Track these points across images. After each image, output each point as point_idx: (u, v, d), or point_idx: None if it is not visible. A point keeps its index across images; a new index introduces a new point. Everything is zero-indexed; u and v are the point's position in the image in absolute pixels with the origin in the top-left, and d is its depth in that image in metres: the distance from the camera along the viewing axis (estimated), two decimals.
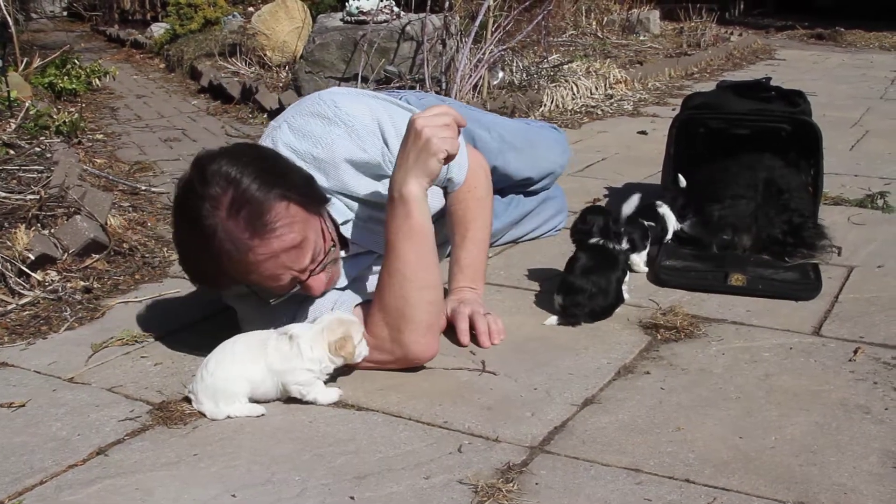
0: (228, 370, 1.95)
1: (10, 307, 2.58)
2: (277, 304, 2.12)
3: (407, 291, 2.06)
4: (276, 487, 1.68)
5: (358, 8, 5.81)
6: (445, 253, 2.67)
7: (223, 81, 6.78)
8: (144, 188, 3.93)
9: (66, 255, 2.90)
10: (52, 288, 2.70)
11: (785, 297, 2.57)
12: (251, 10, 9.01)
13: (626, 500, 1.62)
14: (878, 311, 2.47)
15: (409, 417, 1.94)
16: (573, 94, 6.02)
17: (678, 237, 2.98)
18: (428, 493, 1.65)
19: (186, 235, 2.03)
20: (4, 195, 3.28)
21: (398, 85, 5.48)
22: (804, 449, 1.77)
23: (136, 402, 2.04)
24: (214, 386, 1.94)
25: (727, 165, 3.07)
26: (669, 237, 2.96)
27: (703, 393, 2.02)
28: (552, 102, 5.83)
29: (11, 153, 3.99)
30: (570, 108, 5.86)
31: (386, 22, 5.77)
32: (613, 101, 6.16)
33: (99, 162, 4.46)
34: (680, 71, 7.43)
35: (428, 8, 5.71)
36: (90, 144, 4.95)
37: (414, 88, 5.35)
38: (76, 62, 7.12)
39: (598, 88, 6.27)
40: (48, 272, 2.80)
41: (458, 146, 2.08)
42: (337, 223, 2.23)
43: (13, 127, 4.45)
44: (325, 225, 2.11)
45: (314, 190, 2.11)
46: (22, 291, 2.66)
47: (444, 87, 5.50)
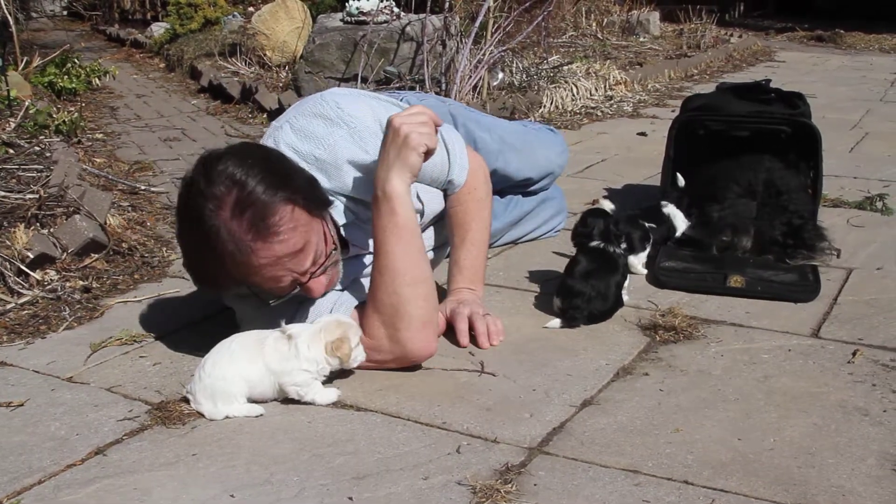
0: (226, 370, 1.95)
1: (8, 306, 2.58)
2: (277, 305, 2.12)
3: (399, 287, 2.07)
4: (274, 488, 1.68)
5: (358, 8, 5.81)
6: (445, 254, 2.67)
7: (223, 81, 6.79)
8: (144, 188, 3.93)
9: (65, 254, 2.90)
10: (51, 287, 2.70)
11: (784, 298, 2.57)
12: (251, 10, 9.02)
13: (624, 501, 1.62)
14: (876, 313, 2.47)
15: (407, 418, 1.94)
16: (573, 95, 6.03)
17: (677, 239, 2.98)
18: (426, 493, 1.65)
19: (189, 234, 2.03)
20: (4, 194, 3.28)
21: (398, 86, 5.49)
22: (803, 451, 1.77)
23: (134, 401, 2.04)
24: (212, 386, 1.94)
25: (727, 167, 3.07)
26: (679, 235, 2.94)
27: (701, 394, 2.02)
28: (552, 103, 5.84)
29: (11, 152, 3.99)
30: (569, 109, 5.86)
31: (386, 22, 5.78)
32: (613, 102, 6.16)
33: (98, 161, 4.46)
34: (680, 72, 7.44)
35: (428, 9, 5.71)
36: (90, 144, 4.95)
37: (414, 89, 5.35)
38: (76, 61, 7.13)
39: (597, 90, 6.27)
40: (47, 271, 2.80)
41: (436, 141, 2.14)
42: (338, 225, 2.23)
43: (13, 126, 4.45)
44: (327, 227, 2.11)
45: (318, 193, 2.11)
46: (21, 291, 2.66)
47: (443, 87, 5.50)
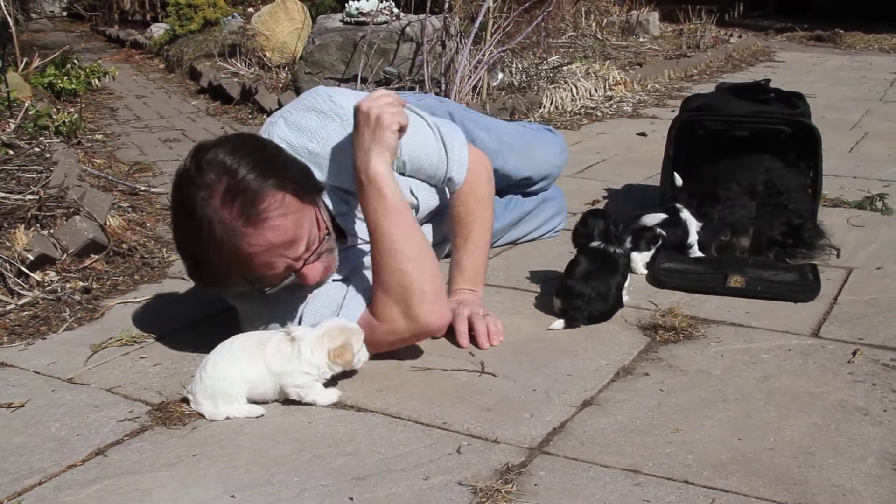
0: (226, 371, 1.95)
1: (9, 307, 2.58)
2: (279, 304, 2.12)
3: (401, 263, 2.08)
4: (275, 488, 1.68)
5: (357, 9, 5.81)
6: (444, 252, 2.67)
7: (223, 82, 6.79)
8: (144, 189, 3.93)
9: (65, 255, 2.90)
10: (51, 288, 2.70)
11: (784, 298, 2.57)
12: (251, 10, 9.01)
13: (624, 501, 1.62)
14: (876, 312, 2.47)
15: (408, 418, 1.94)
16: (573, 95, 6.03)
17: (688, 244, 2.95)
18: (427, 494, 1.65)
19: (181, 224, 2.03)
20: (4, 195, 3.27)
21: (398, 86, 5.48)
22: (803, 450, 1.77)
23: (135, 402, 2.04)
24: (213, 387, 1.94)
25: (726, 167, 3.07)
26: (691, 240, 2.89)
27: (702, 394, 2.02)
28: (552, 104, 5.84)
29: (11, 153, 3.99)
30: (569, 109, 5.87)
31: (385, 23, 5.78)
32: (613, 102, 6.16)
33: (98, 162, 4.46)
34: (679, 73, 7.44)
35: (427, 9, 5.71)
36: (89, 145, 4.95)
37: (413, 89, 5.36)
38: (76, 62, 7.13)
39: (597, 90, 6.27)
40: (47, 272, 2.80)
41: (407, 118, 2.16)
42: (332, 212, 2.24)
43: (12, 127, 4.44)
44: (319, 214, 2.11)
45: (310, 179, 2.12)
46: (21, 292, 2.66)
47: (443, 88, 5.50)
